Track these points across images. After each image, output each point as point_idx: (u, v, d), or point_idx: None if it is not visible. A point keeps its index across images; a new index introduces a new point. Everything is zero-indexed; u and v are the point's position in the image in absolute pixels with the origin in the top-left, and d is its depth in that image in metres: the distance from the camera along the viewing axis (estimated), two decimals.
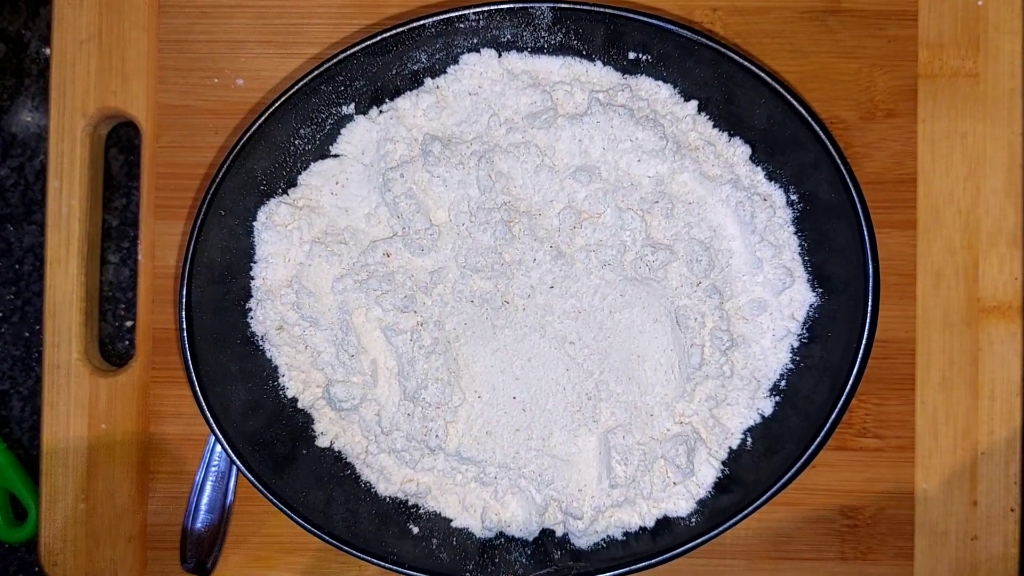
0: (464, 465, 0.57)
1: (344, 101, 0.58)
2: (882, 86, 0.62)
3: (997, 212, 0.61)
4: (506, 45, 0.58)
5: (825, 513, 0.62)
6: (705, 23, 0.61)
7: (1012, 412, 0.61)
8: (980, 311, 0.61)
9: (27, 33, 0.67)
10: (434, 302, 0.57)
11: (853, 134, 0.61)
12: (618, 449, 0.56)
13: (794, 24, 0.61)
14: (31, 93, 0.67)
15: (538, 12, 0.56)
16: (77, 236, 0.63)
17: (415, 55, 0.57)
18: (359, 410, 0.57)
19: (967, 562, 0.61)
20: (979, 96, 0.62)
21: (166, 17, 0.63)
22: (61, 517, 0.62)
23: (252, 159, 0.57)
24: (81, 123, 0.62)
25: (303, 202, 0.58)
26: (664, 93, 0.58)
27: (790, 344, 0.58)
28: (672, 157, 0.56)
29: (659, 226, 0.57)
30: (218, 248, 0.57)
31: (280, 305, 0.58)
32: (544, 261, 0.56)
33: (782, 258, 0.57)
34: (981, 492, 0.61)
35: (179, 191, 0.62)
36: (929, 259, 0.61)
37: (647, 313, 0.56)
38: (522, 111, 0.57)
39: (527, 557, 0.58)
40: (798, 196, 0.57)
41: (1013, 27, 0.62)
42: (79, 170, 0.62)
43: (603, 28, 0.56)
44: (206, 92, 0.62)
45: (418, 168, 0.57)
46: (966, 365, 0.61)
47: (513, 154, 0.56)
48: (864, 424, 0.61)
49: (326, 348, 0.58)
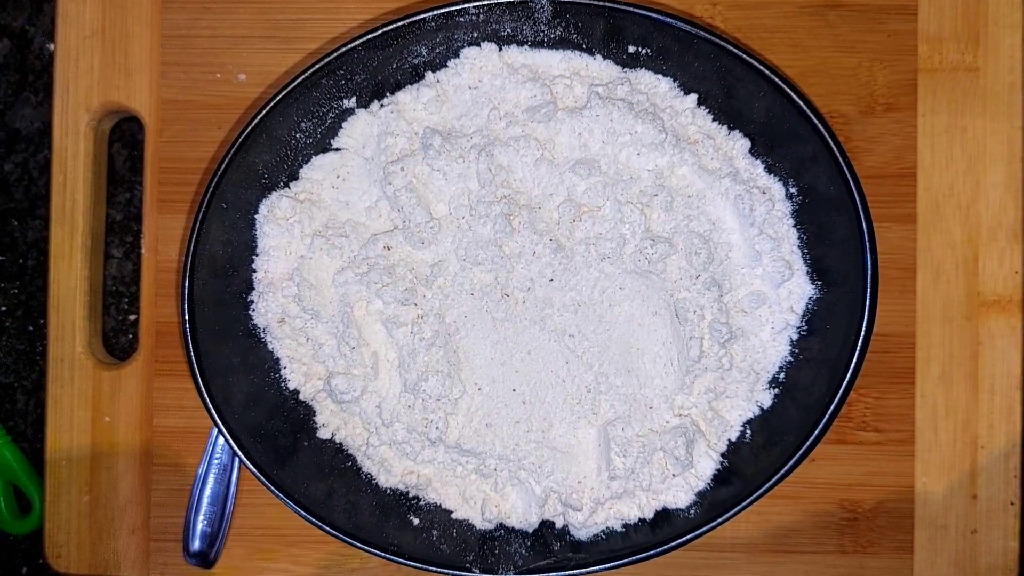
0: (464, 457, 0.57)
1: (345, 95, 0.58)
2: (882, 80, 0.62)
3: (997, 206, 0.61)
4: (506, 39, 0.58)
5: (825, 506, 0.62)
6: (705, 17, 0.62)
7: (1012, 406, 0.61)
8: (980, 305, 0.61)
9: (31, 29, 0.68)
10: (434, 295, 0.57)
11: (853, 128, 0.61)
12: (617, 441, 0.56)
13: (794, 19, 0.61)
14: (35, 88, 0.68)
15: (538, 6, 0.56)
16: (81, 230, 0.63)
17: (415, 49, 0.57)
18: (360, 402, 0.58)
19: (967, 555, 0.61)
20: (979, 90, 0.62)
21: (169, 13, 0.63)
22: (65, 509, 0.63)
23: (253, 153, 0.57)
24: (85, 118, 0.63)
25: (304, 195, 0.59)
26: (664, 87, 0.58)
27: (789, 337, 0.58)
28: (671, 150, 0.57)
29: (658, 219, 0.57)
30: (220, 241, 0.57)
31: (282, 298, 0.58)
32: (544, 254, 0.56)
33: (781, 251, 0.57)
34: (981, 486, 0.61)
35: (182, 185, 0.63)
36: (929, 253, 0.61)
37: (646, 306, 0.57)
38: (522, 105, 0.57)
39: (527, 548, 0.58)
40: (797, 189, 0.58)
41: (1013, 21, 0.62)
42: (83, 165, 0.63)
43: (603, 22, 0.56)
44: (208, 87, 0.63)
45: (418, 162, 0.57)
46: (966, 359, 0.61)
47: (513, 147, 0.56)
48: (864, 418, 0.61)
49: (327, 340, 0.58)
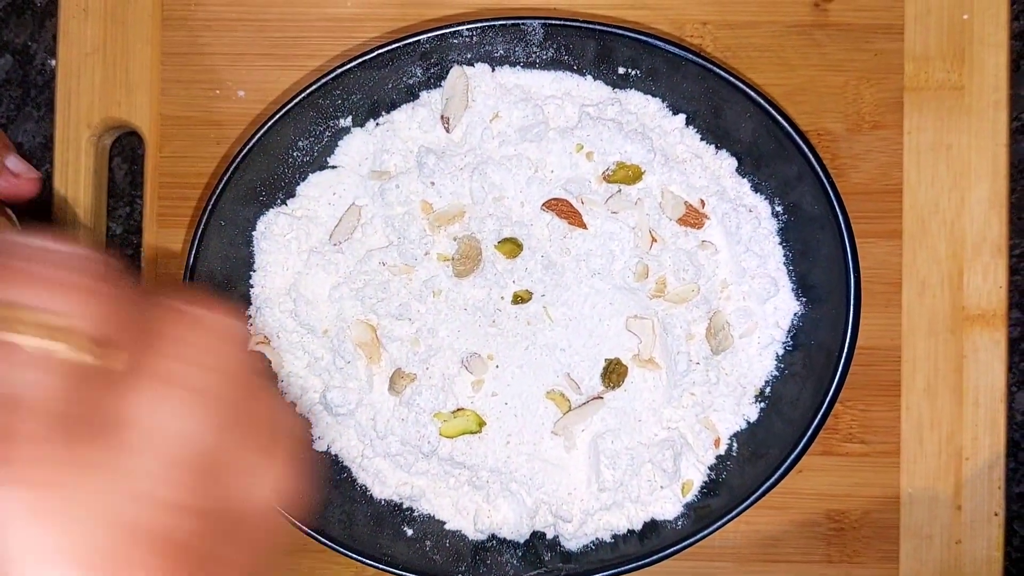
0: (457, 469, 0.58)
1: (341, 114, 0.59)
2: (869, 99, 0.62)
3: (982, 222, 0.62)
4: (499, 60, 0.59)
5: (812, 517, 0.63)
6: (695, 37, 0.62)
7: (996, 418, 0.62)
8: (965, 319, 0.62)
9: (33, 45, 0.69)
10: (428, 310, 0.58)
11: (840, 146, 0.62)
12: (607, 454, 0.57)
13: (782, 38, 0.62)
14: (37, 104, 0.69)
15: (530, 28, 0.57)
16: (81, 244, 0.64)
17: (410, 70, 0.59)
18: (355, 415, 0.59)
19: (952, 565, 0.62)
20: (964, 108, 0.62)
21: (169, 30, 0.64)
22: None
23: (251, 171, 0.58)
24: (86, 133, 0.64)
25: (301, 212, 0.60)
26: (653, 107, 0.59)
27: (775, 352, 0.59)
28: (660, 169, 0.58)
29: (647, 236, 0.58)
30: (218, 257, 0.58)
31: (279, 312, 0.59)
32: (535, 270, 0.58)
33: (767, 268, 0.58)
34: (965, 497, 0.62)
35: (181, 200, 0.64)
36: (915, 268, 0.62)
37: (635, 321, 0.58)
38: (514, 124, 0.58)
39: (518, 559, 0.59)
40: (783, 207, 0.59)
41: (998, 40, 0.62)
42: (84, 179, 0.64)
43: (593, 44, 0.57)
44: (208, 103, 0.64)
45: (413, 179, 0.58)
46: (951, 372, 0.62)
47: (505, 166, 0.57)
48: (850, 429, 0.62)
49: (323, 354, 0.59)
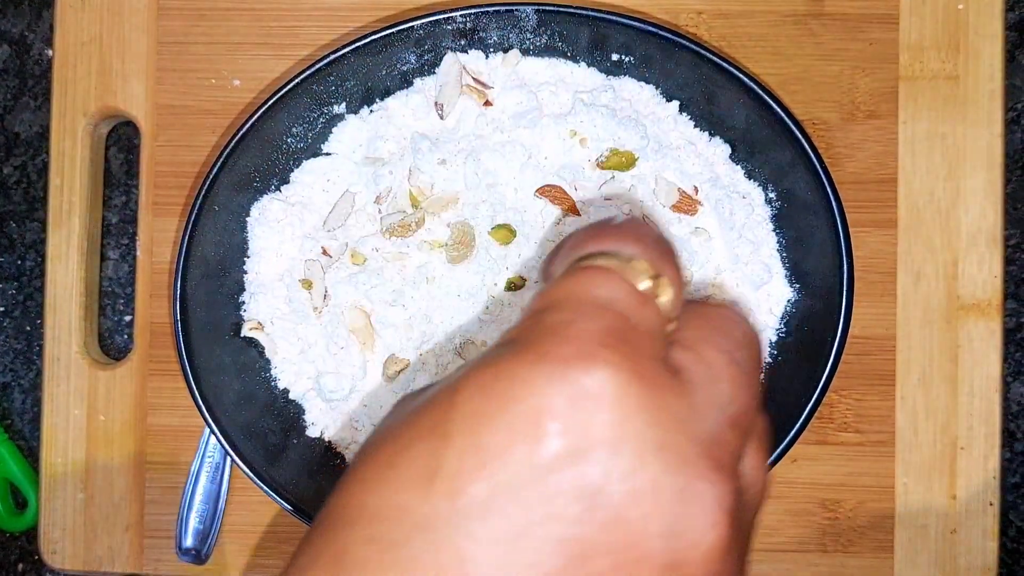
0: None
1: (335, 101, 0.59)
2: (863, 88, 0.63)
3: (976, 211, 0.62)
4: (493, 47, 0.59)
5: (806, 506, 0.63)
6: (690, 26, 0.63)
7: (991, 408, 0.62)
8: (959, 308, 0.62)
9: (30, 35, 0.69)
10: (421, 296, 0.58)
11: (835, 135, 0.62)
12: None
13: (777, 27, 0.63)
14: (34, 93, 0.69)
15: (523, 14, 0.57)
16: (77, 233, 0.64)
17: (404, 56, 0.59)
18: (348, 401, 0.59)
19: (947, 555, 0.62)
20: (959, 98, 0.62)
21: (165, 20, 0.64)
22: (60, 506, 0.64)
23: (246, 157, 0.58)
24: (82, 122, 0.64)
25: (295, 199, 0.60)
26: (646, 94, 0.59)
27: (768, 339, 0.59)
28: (653, 156, 0.58)
29: None
30: (212, 243, 0.58)
31: (272, 298, 0.59)
32: (529, 257, 0.58)
33: (760, 255, 0.58)
34: (960, 486, 0.62)
35: (177, 188, 0.64)
36: (909, 258, 0.62)
37: None
38: (508, 111, 0.58)
39: None
40: (776, 195, 0.59)
41: (993, 30, 0.63)
42: (80, 168, 0.64)
43: (587, 30, 0.57)
44: (203, 92, 0.64)
45: (407, 166, 0.58)
46: (946, 361, 0.62)
47: (499, 152, 0.58)
48: (845, 419, 0.62)
49: (316, 340, 0.59)
